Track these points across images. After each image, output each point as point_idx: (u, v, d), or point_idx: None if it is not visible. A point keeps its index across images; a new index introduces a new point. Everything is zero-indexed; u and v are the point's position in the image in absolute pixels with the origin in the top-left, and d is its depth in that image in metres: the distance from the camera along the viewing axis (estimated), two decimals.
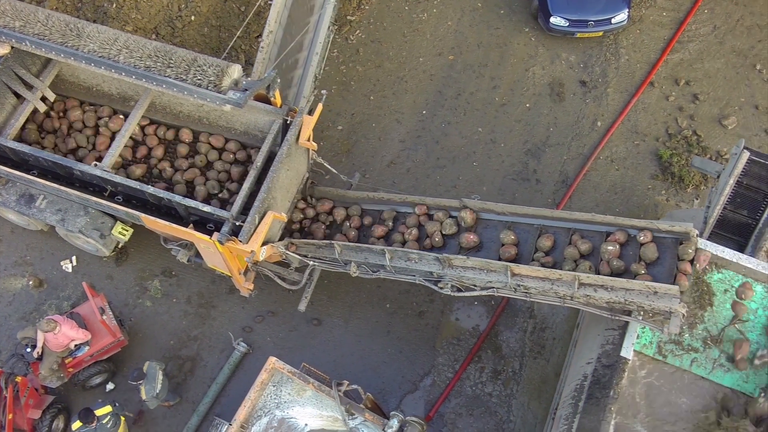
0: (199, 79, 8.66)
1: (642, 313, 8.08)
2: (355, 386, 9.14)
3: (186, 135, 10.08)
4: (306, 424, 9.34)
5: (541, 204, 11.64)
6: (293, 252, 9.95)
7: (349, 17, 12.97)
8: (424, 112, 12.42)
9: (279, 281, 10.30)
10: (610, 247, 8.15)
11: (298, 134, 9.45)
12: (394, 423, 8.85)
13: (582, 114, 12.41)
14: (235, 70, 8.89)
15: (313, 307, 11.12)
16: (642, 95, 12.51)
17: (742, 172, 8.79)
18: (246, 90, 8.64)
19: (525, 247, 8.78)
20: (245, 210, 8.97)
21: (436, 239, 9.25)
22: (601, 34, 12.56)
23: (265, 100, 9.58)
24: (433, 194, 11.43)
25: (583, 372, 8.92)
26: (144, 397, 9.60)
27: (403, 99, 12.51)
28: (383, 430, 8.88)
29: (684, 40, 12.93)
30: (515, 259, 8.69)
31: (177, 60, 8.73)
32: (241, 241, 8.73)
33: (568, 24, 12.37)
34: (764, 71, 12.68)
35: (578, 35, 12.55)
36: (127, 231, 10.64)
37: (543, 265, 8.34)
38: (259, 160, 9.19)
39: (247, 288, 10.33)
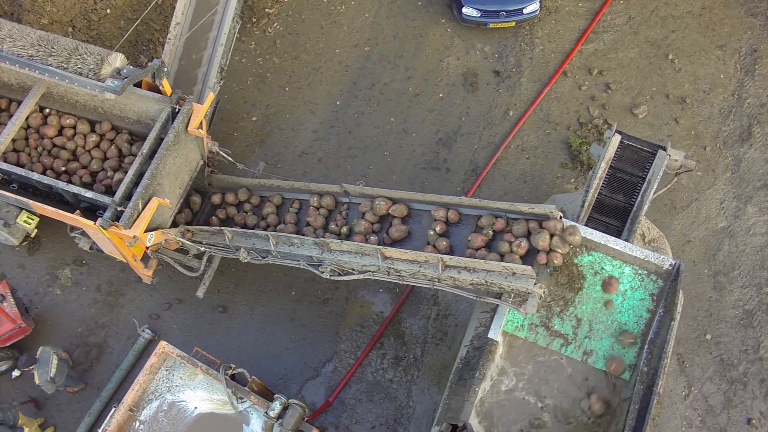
0: (79, 68, 8.82)
1: (513, 295, 8.21)
2: (241, 370, 9.29)
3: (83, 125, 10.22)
4: (196, 408, 9.48)
5: (450, 192, 11.76)
6: (189, 239, 10.11)
7: (267, 9, 13.11)
8: (338, 102, 12.55)
9: (179, 268, 10.46)
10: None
11: (188, 122, 9.59)
12: (277, 405, 8.97)
13: (495, 104, 12.53)
14: (117, 59, 9.05)
15: (219, 295, 11.28)
16: (555, 85, 12.63)
17: (616, 156, 8.91)
18: (125, 78, 8.79)
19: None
20: (132, 197, 9.10)
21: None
22: (514, 24, 12.67)
23: (156, 89, 9.72)
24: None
25: (460, 355, 9.05)
26: (38, 381, 9.76)
27: (317, 90, 12.64)
28: (266, 412, 9.03)
29: (599, 31, 13.04)
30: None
31: (59, 48, 8.89)
32: (123, 226, 8.87)
33: (480, 15, 12.49)
34: (676, 61, 12.79)
35: (491, 26, 12.67)
36: (32, 219, 10.78)
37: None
38: (144, 147, 9.32)
39: (147, 275, 10.47)
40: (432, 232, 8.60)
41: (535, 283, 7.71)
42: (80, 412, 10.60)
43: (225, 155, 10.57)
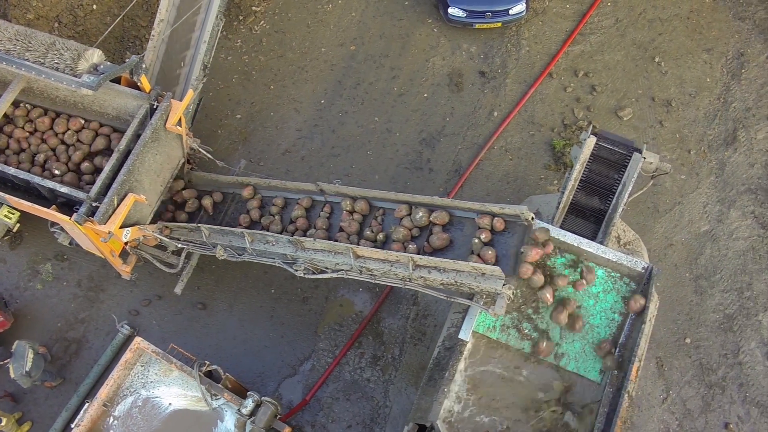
0: (56, 63, 8.84)
1: (484, 296, 8.20)
2: (215, 367, 9.30)
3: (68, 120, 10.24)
4: (170, 404, 9.50)
5: (432, 193, 11.75)
6: (167, 236, 10.13)
7: (254, 7, 13.12)
8: (322, 101, 12.55)
9: (158, 264, 10.47)
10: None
11: (166, 119, 9.60)
12: (249, 403, 8.97)
13: (479, 104, 12.51)
14: (95, 55, 9.07)
15: (199, 292, 11.29)
16: (540, 86, 12.60)
17: (591, 158, 8.88)
18: (102, 74, 8.80)
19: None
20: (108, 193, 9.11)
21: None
22: (500, 25, 12.65)
23: (135, 85, 9.73)
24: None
25: (432, 356, 9.04)
26: (12, 375, 9.78)
27: (302, 88, 12.64)
28: (239, 410, 9.03)
29: (586, 32, 13.01)
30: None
31: (36, 44, 8.91)
32: (97, 222, 8.88)
33: (466, 15, 12.48)
34: (663, 64, 12.75)
35: (477, 26, 12.65)
36: (13, 214, 10.80)
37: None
38: (122, 143, 9.33)
39: (126, 271, 10.49)
40: (477, 240, 8.25)
41: (504, 284, 7.69)
42: (58, 407, 10.62)
43: (205, 153, 10.58)
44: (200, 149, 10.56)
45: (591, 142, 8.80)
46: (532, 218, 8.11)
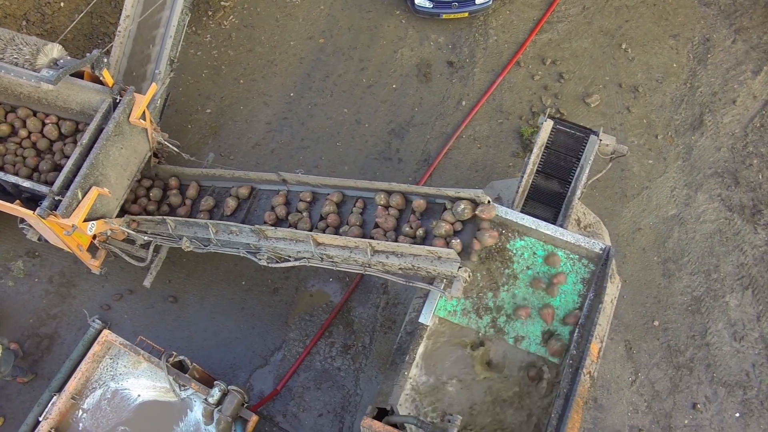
0: (15, 58, 8.89)
1: (443, 280, 8.27)
2: (182, 357, 9.36)
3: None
4: (139, 395, 9.56)
5: (401, 182, 11.79)
6: (134, 229, 10.19)
7: (223, 2, 13.18)
8: (291, 94, 12.61)
9: (127, 258, 10.53)
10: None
11: (129, 112, 9.65)
12: (216, 392, 9.02)
13: (447, 94, 12.59)
14: (54, 49, 9.12)
15: (170, 285, 11.35)
16: (508, 75, 12.69)
17: (549, 141, 8.96)
18: (61, 68, 8.86)
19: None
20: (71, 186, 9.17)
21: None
22: (467, 15, 12.73)
23: (99, 80, 9.78)
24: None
25: (395, 341, 9.11)
26: None
27: (272, 82, 12.71)
28: (206, 399, 9.09)
29: (553, 21, 13.10)
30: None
31: None
32: (60, 216, 8.94)
33: (432, 5, 12.55)
34: (630, 50, 12.85)
35: (444, 17, 12.73)
36: None
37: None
38: (84, 137, 9.38)
39: (95, 265, 10.54)
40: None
41: (460, 267, 7.77)
42: (30, 403, 10.65)
43: (172, 146, 10.64)
44: (167, 143, 10.63)
45: (548, 125, 8.88)
46: (489, 201, 8.18)
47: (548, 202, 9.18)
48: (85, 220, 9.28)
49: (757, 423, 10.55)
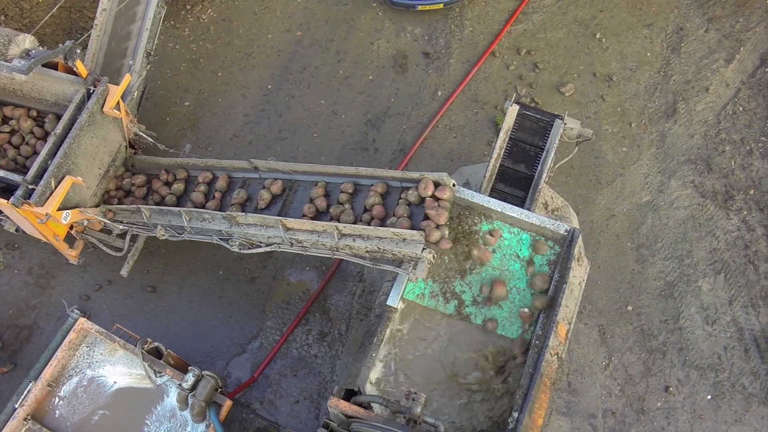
0: None
1: (410, 263, 8.38)
2: (157, 344, 9.47)
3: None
4: (115, 382, 9.67)
5: None
6: (111, 219, 10.30)
7: None
8: (269, 86, 12.74)
9: (104, 248, 10.64)
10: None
11: (103, 103, 9.77)
12: (190, 377, 9.14)
13: (423, 84, 12.72)
14: (26, 40, 9.24)
15: (149, 275, 11.46)
16: (484, 65, 12.81)
17: (516, 126, 9.09)
18: (33, 59, 8.97)
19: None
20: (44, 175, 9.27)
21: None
22: (441, 6, 12.86)
23: (72, 71, 9.89)
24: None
25: (366, 326, 9.23)
26: None
27: (249, 75, 12.83)
28: (180, 384, 9.20)
29: (528, 11, 13.23)
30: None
31: None
32: (34, 204, 9.04)
33: None
34: (604, 40, 12.98)
35: (420, 8, 12.85)
36: None
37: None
38: (58, 127, 9.49)
39: (72, 255, 10.65)
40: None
41: (424, 249, 7.89)
42: (9, 393, 10.74)
43: (149, 137, 10.76)
44: (144, 134, 10.74)
45: (513, 110, 9.00)
46: (454, 185, 8.30)
47: (516, 185, 9.30)
48: (60, 209, 9.38)
49: (729, 405, 10.67)
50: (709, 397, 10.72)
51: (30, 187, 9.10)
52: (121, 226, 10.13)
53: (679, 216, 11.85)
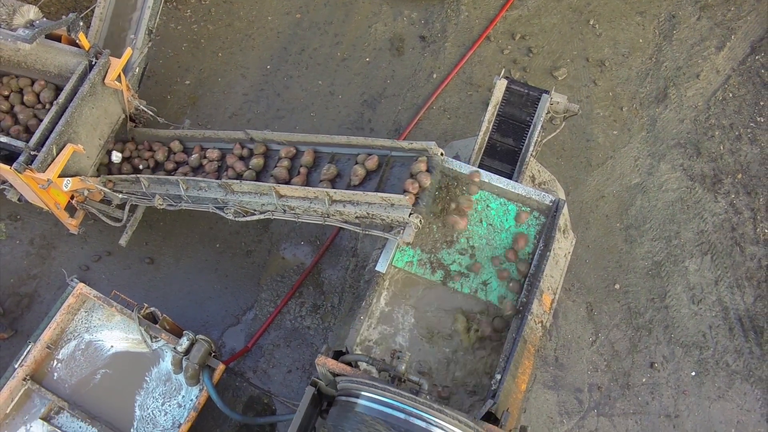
0: None
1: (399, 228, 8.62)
2: (153, 308, 9.76)
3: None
4: (112, 346, 9.96)
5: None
6: (111, 189, 10.58)
7: None
8: (268, 67, 13.02)
9: (104, 219, 10.93)
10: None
11: (104, 75, 10.06)
12: (184, 341, 9.42)
13: (419, 67, 12.98)
14: (31, 11, 9.54)
15: (147, 247, 11.73)
16: (478, 49, 13.07)
17: (504, 101, 9.34)
18: (37, 29, 9.28)
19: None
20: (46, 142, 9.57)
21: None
22: None
23: (76, 44, 10.19)
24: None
25: (355, 291, 9.48)
26: None
27: (249, 55, 13.11)
28: (174, 348, 9.47)
29: None
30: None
31: None
32: (36, 170, 9.33)
33: None
34: (597, 26, 13.22)
35: None
36: None
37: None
38: (60, 97, 9.79)
39: (73, 224, 10.94)
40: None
41: (411, 213, 8.14)
42: (9, 358, 11.01)
43: (149, 111, 11.04)
44: (145, 108, 11.03)
45: (501, 84, 9.25)
46: (442, 153, 8.55)
47: (505, 159, 9.54)
48: (61, 176, 9.67)
49: (712, 381, 10.88)
50: (693, 373, 10.93)
51: (32, 153, 9.39)
52: (120, 196, 10.40)
53: (667, 198, 12.07)
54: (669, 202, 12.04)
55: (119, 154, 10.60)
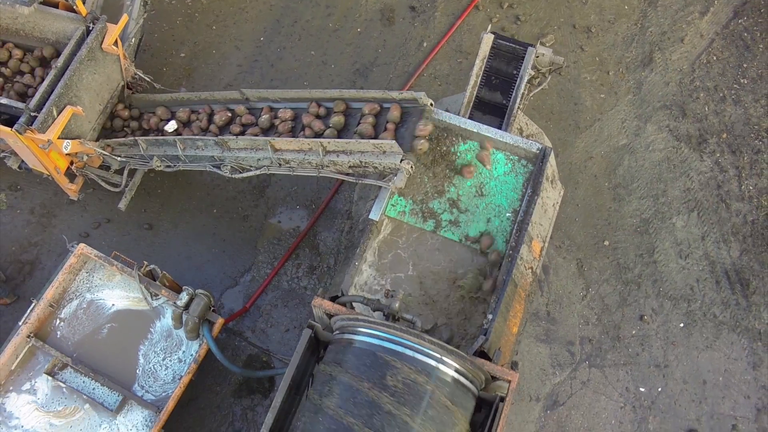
0: None
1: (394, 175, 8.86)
2: (153, 266, 10.00)
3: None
4: (113, 305, 10.19)
5: None
6: (110, 153, 10.82)
7: None
8: (261, 38, 13.27)
9: (103, 184, 11.17)
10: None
11: (102, 40, 10.31)
12: (184, 296, 9.65)
13: (410, 36, 13.25)
14: None
15: (146, 214, 11.96)
16: (468, 18, 13.34)
17: (491, 55, 9.60)
18: None
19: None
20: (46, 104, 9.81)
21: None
22: None
23: (72, 9, 10.44)
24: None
25: (349, 240, 9.72)
26: None
27: (243, 28, 13.36)
28: (174, 303, 9.71)
29: None
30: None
31: None
32: (37, 130, 9.57)
33: None
34: None
35: None
36: None
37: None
38: (59, 61, 10.02)
39: (72, 189, 11.17)
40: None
41: (402, 159, 8.39)
42: (12, 323, 11.23)
43: (147, 78, 11.29)
44: (142, 76, 11.29)
45: (488, 39, 9.52)
46: (431, 104, 8.81)
47: (493, 113, 9.81)
48: (60, 138, 9.90)
49: (700, 332, 11.15)
50: (681, 325, 11.20)
51: (32, 114, 9.63)
52: (120, 159, 10.63)
53: (654, 158, 12.35)
54: (656, 161, 12.32)
55: (175, 124, 10.68)
